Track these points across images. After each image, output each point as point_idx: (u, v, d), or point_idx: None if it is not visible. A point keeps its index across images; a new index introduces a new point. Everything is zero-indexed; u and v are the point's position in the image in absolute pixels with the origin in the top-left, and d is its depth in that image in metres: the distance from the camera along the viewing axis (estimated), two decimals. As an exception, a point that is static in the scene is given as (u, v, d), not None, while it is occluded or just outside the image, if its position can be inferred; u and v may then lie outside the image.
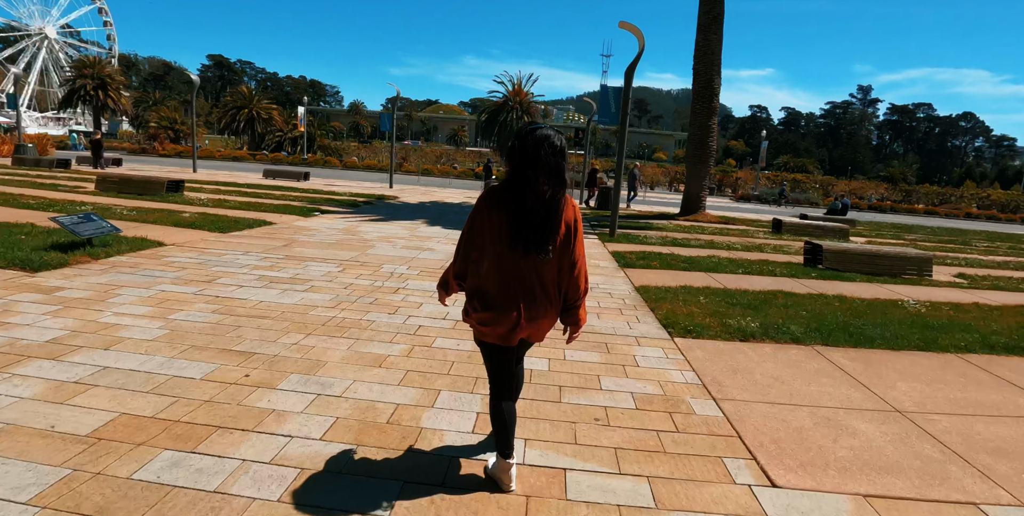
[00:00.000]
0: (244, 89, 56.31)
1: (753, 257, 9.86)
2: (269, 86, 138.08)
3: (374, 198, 17.30)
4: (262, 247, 7.58)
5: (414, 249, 8.29)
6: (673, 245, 10.82)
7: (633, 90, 48.67)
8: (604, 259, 8.70)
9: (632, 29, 10.53)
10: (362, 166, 42.75)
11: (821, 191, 53.84)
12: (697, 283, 7.12)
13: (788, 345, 4.82)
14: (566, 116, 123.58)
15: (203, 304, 4.78)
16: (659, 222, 15.50)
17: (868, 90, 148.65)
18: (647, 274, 7.59)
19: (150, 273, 5.71)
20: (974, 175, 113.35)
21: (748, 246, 11.38)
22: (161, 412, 2.88)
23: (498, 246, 2.24)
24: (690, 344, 4.67)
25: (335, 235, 9.14)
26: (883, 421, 3.47)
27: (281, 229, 9.36)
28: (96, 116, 59.66)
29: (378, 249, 8.09)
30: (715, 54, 15.63)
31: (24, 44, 79.20)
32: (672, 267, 8.19)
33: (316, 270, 6.41)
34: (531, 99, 47.06)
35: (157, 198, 12.19)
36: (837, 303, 6.47)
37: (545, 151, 2.17)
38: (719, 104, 15.97)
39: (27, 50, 79.58)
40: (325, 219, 11.22)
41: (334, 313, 4.77)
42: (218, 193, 14.65)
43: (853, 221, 19.94)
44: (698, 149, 16.09)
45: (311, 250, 7.63)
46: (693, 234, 13.10)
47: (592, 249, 9.68)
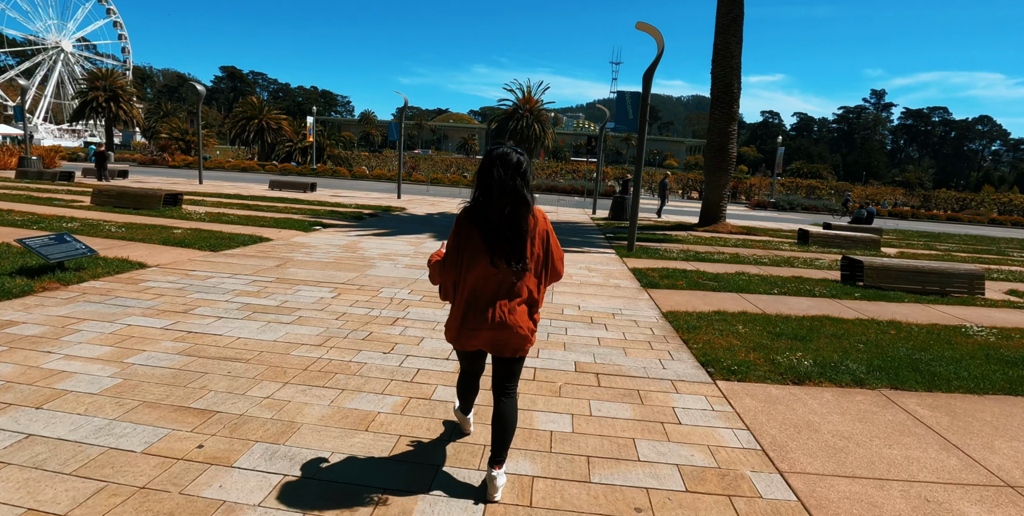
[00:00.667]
0: (254, 99, 56.41)
1: (785, 273, 9.11)
2: (281, 97, 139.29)
3: (380, 210, 16.74)
4: (252, 268, 6.97)
5: (418, 269, 7.65)
6: (697, 260, 10.10)
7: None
8: (624, 278, 8.00)
9: (650, 30, 9.89)
10: (371, 176, 42.41)
11: (842, 198, 52.74)
12: (731, 306, 6.40)
13: (851, 389, 4.09)
14: (576, 123, 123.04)
15: (170, 342, 4.15)
16: (678, 233, 14.76)
17: (882, 94, 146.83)
18: (674, 296, 6.88)
19: (121, 302, 5.11)
20: (992, 179, 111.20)
21: (776, 260, 10.62)
22: (76, 508, 2.23)
23: (478, 259, 2.35)
24: (736, 389, 3.96)
25: (334, 253, 8.53)
26: (996, 501, 2.74)
27: (277, 246, 8.77)
28: (108, 127, 60.13)
29: (378, 269, 7.46)
30: (734, 57, 14.95)
31: (40, 57, 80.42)
32: (700, 287, 7.47)
33: (307, 296, 5.78)
34: (541, 107, 46.64)
35: (153, 212, 11.69)
36: (892, 331, 5.72)
37: (499, 170, 2.28)
38: (739, 109, 15.27)
39: (43, 63, 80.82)
40: (326, 234, 10.63)
41: (320, 353, 4.12)
42: (219, 206, 14.16)
43: (880, 230, 19.06)
44: (717, 157, 15.37)
45: (305, 271, 7.01)
46: (716, 247, 12.36)
47: (610, 265, 8.99)
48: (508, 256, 2.32)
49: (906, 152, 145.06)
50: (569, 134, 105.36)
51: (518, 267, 2.34)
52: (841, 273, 8.88)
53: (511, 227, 2.31)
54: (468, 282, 2.40)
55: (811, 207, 39.55)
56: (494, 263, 2.32)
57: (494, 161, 2.30)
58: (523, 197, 2.31)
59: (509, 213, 2.30)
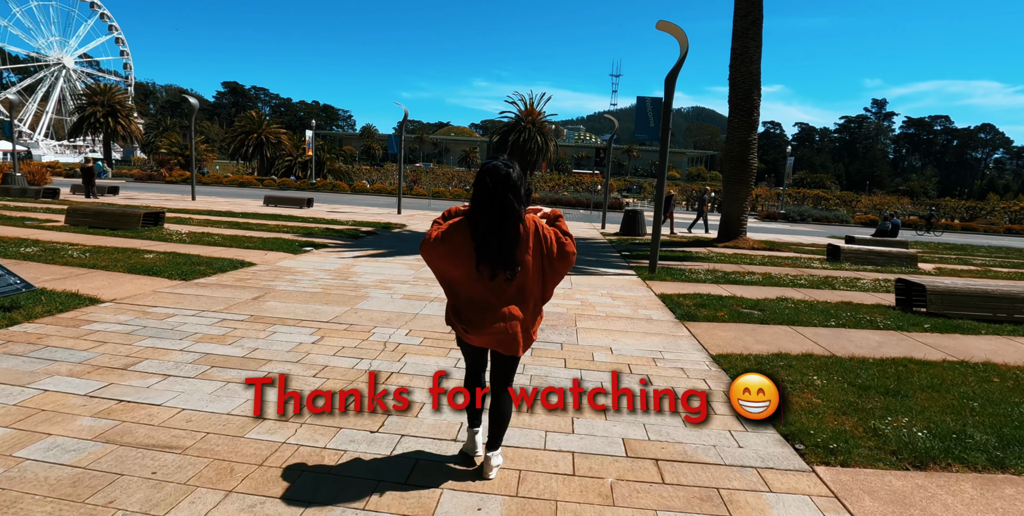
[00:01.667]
0: (253, 113, 55.91)
1: (831, 297, 8.10)
2: (283, 111, 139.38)
3: (379, 227, 15.79)
4: (224, 302, 5.98)
5: (417, 300, 6.64)
6: (728, 282, 9.09)
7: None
8: (654, 307, 6.98)
9: (672, 30, 8.99)
10: (371, 190, 41.59)
11: (849, 208, 51.81)
12: (790, 345, 5.38)
13: (994, 476, 3.06)
14: (577, 136, 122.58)
15: (89, 419, 3.14)
16: (698, 250, 13.76)
17: (883, 104, 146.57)
18: (717, 331, 5.85)
19: (48, 354, 4.11)
20: (997, 187, 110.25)
21: (815, 281, 9.61)
22: None
23: (468, 269, 2.45)
24: (846, 482, 2.93)
25: (323, 280, 7.54)
26: None
27: (259, 273, 7.79)
28: (106, 143, 59.68)
29: (372, 301, 6.45)
30: (754, 62, 14.08)
31: (42, 74, 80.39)
32: (744, 318, 6.45)
33: (283, 341, 4.77)
34: (544, 118, 46.02)
35: (129, 233, 10.73)
36: (996, 379, 4.69)
37: (487, 185, 2.39)
38: (759, 117, 14.36)
39: (45, 79, 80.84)
40: (317, 256, 9.65)
41: (284, 435, 3.10)
42: (205, 225, 13.22)
43: (906, 243, 18.05)
44: (737, 167, 14.42)
45: (286, 305, 6.01)
46: (743, 265, 11.35)
47: (635, 291, 7.97)
48: (496, 265, 2.43)
49: (909, 161, 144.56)
50: (570, 146, 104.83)
51: (508, 274, 2.44)
52: (896, 297, 7.86)
53: (502, 235, 2.40)
54: (458, 282, 2.53)
55: (822, 218, 38.58)
56: (479, 269, 2.43)
57: (484, 175, 2.42)
58: (512, 210, 2.40)
59: (498, 226, 2.39)
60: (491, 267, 2.42)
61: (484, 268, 2.42)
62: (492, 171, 2.39)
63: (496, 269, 2.42)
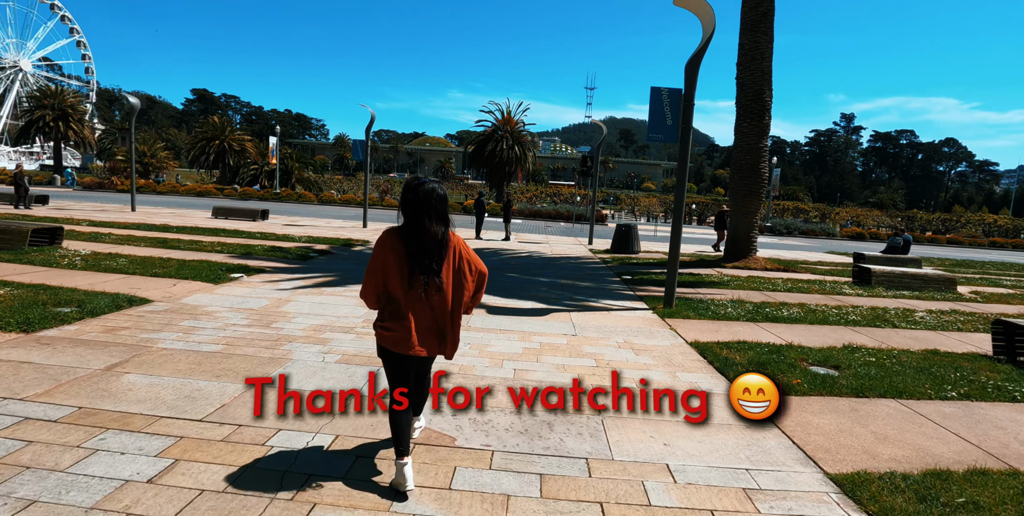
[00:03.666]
0: (215, 119, 53.00)
1: (906, 342, 6.31)
2: (254, 119, 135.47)
3: (339, 243, 13.65)
4: (57, 376, 3.85)
5: (361, 364, 4.58)
6: (766, 319, 7.25)
7: (616, 121, 47.50)
8: (695, 366, 5.04)
9: (694, 5, 7.21)
10: (340, 201, 39.22)
11: (831, 220, 51.22)
12: (925, 442, 3.50)
13: None
14: (552, 147, 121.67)
15: None
16: (706, 272, 11.95)
17: (851, 118, 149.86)
18: (809, 417, 3.94)
19: None
20: (962, 200, 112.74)
21: (865, 315, 7.84)
22: None
23: (400, 278, 2.66)
24: None
25: (234, 327, 5.42)
26: None
27: (148, 316, 5.64)
28: (56, 148, 55.96)
29: (293, 367, 4.38)
30: (765, 59, 12.46)
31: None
32: (827, 387, 4.54)
33: (102, 474, 2.69)
34: (522, 128, 44.31)
35: (6, 256, 8.44)
36: None
37: (434, 200, 2.68)
38: (771, 121, 12.72)
39: (0, 83, 76.54)
40: (243, 287, 7.51)
41: None
42: (122, 242, 10.92)
43: (919, 260, 16.61)
44: (747, 178, 12.71)
45: (152, 383, 3.90)
46: (767, 293, 9.55)
47: (658, 338, 6.04)
48: (432, 269, 2.67)
49: (876, 174, 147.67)
50: (546, 157, 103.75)
51: (437, 278, 2.67)
52: (994, 343, 6.08)
53: (440, 245, 2.70)
54: (395, 301, 2.71)
55: (808, 231, 37.56)
56: (425, 275, 2.66)
57: (430, 194, 2.68)
58: (449, 221, 2.74)
59: (442, 235, 2.69)
60: (427, 270, 2.67)
61: (416, 273, 2.66)
62: (434, 191, 2.70)
63: (434, 272, 2.68)
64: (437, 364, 3.24)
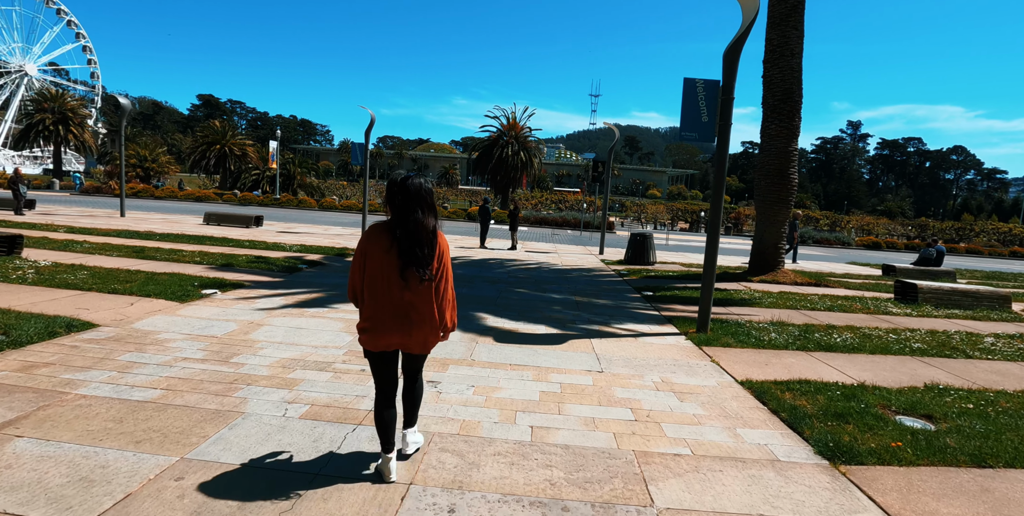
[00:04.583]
0: (215, 123, 52.31)
1: (995, 379, 5.28)
2: (259, 125, 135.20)
3: (332, 253, 12.68)
4: (-85, 445, 2.85)
5: (331, 421, 3.57)
6: (818, 348, 6.21)
7: (621, 129, 45.34)
8: (753, 416, 4.01)
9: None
10: (341, 207, 38.32)
11: (842, 228, 50.07)
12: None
13: None
14: (557, 154, 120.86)
15: None
16: (734, 287, 10.90)
17: (858, 125, 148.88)
18: (926, 499, 2.91)
19: None
20: (971, 208, 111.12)
21: (928, 342, 6.78)
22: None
23: (387, 272, 2.64)
24: None
25: (184, 364, 4.42)
26: None
27: (83, 347, 4.65)
28: (56, 152, 55.42)
29: (241, 427, 3.37)
30: (795, 56, 11.48)
31: (2, 81, 75.88)
32: (939, 453, 3.52)
33: None
34: (527, 134, 43.45)
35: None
36: None
37: (424, 193, 2.68)
38: (800, 122, 11.72)
39: (6, 87, 76.35)
40: (212, 306, 6.52)
41: None
42: (94, 251, 9.97)
43: (953, 273, 15.54)
44: (775, 184, 11.68)
45: (40, 453, 2.90)
46: (805, 312, 8.51)
47: (699, 375, 5.00)
48: (421, 261, 2.64)
49: (883, 181, 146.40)
50: (551, 164, 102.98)
51: (427, 270, 2.65)
52: (1106, 384, 5.04)
53: (432, 235, 2.69)
54: (376, 298, 2.67)
55: (823, 240, 36.37)
56: (416, 267, 2.63)
57: (420, 186, 2.68)
58: (437, 212, 2.73)
59: (433, 227, 2.69)
60: (417, 261, 2.65)
61: (406, 263, 2.64)
62: (423, 185, 2.72)
63: (424, 264, 2.66)
64: (437, 416, 2.23)
